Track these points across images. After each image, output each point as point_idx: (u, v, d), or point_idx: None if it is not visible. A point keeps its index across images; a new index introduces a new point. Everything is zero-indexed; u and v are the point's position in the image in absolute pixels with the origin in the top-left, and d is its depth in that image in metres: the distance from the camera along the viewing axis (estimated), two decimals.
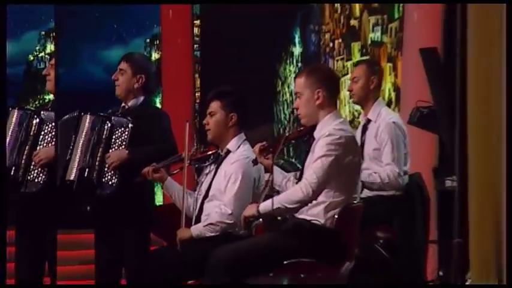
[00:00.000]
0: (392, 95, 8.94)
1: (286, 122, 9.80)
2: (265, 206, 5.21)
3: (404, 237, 6.17)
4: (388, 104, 8.73)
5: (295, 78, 5.50)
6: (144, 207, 6.16)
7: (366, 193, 6.21)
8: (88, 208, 6.27)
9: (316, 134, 5.31)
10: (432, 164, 7.50)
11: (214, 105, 5.89)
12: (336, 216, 5.17)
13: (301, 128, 5.43)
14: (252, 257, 5.20)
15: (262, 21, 9.76)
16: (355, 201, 5.39)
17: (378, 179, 6.10)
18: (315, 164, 5.15)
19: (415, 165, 6.53)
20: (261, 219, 5.48)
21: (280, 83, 10.33)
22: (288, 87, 10.08)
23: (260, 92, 8.56)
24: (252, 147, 5.62)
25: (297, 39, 10.01)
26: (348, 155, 5.21)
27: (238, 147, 5.82)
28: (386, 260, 5.90)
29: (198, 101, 9.83)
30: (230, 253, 5.16)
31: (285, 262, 5.16)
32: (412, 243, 6.21)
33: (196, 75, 10.08)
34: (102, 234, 6.33)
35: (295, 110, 5.42)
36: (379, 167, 6.14)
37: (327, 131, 5.23)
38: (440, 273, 6.87)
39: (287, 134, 5.47)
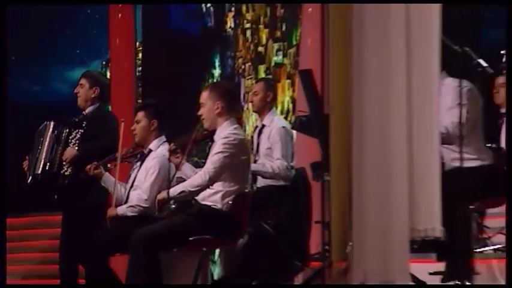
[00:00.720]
0: (290, 105, 9.07)
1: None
2: (173, 190, 5.38)
3: (290, 218, 6.25)
4: (287, 113, 8.91)
5: (202, 91, 5.61)
6: (94, 195, 6.21)
7: (261, 183, 6.30)
8: (55, 196, 6.45)
9: (216, 136, 5.42)
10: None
11: (140, 115, 5.96)
12: (230, 202, 5.30)
13: (205, 132, 5.53)
14: (165, 234, 5.32)
15: (190, 50, 9.84)
16: (246, 190, 5.54)
17: (270, 169, 6.17)
18: (213, 158, 5.30)
19: (301, 162, 6.61)
20: (173, 206, 5.62)
21: None
22: None
23: (188, 103, 8.64)
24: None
25: (217, 63, 10.09)
26: (240, 153, 5.36)
27: (159, 147, 5.88)
28: (273, 237, 5.96)
29: None
30: (147, 231, 5.27)
31: (190, 239, 5.27)
32: (297, 224, 6.28)
33: (139, 89, 10.13)
34: (65, 216, 6.47)
35: (200, 117, 5.53)
36: (271, 162, 6.21)
37: (224, 134, 5.36)
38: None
39: (193, 137, 5.52)
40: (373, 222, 4.25)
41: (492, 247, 5.76)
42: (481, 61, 5.55)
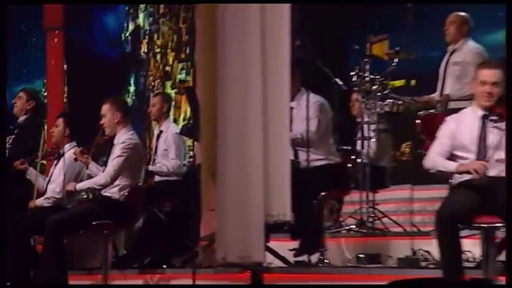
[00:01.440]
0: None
1: None
2: (81, 185, 5.41)
3: (182, 206, 6.19)
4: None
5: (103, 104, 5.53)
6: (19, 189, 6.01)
7: (158, 178, 6.24)
8: None
9: (115, 141, 5.37)
10: None
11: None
12: (126, 194, 5.28)
13: (106, 137, 5.47)
14: (71, 220, 5.28)
15: (111, 71, 9.70)
16: (139, 184, 5.63)
17: (165, 168, 6.11)
18: (113, 161, 5.28)
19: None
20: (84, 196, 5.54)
21: None
22: None
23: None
24: None
25: (132, 81, 10.02)
26: (134, 155, 5.39)
27: (69, 150, 5.73)
28: (165, 222, 5.93)
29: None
30: (56, 218, 5.21)
31: (93, 223, 5.21)
32: (188, 211, 6.24)
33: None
34: None
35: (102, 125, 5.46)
36: (167, 161, 6.15)
37: (122, 139, 5.34)
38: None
39: (96, 141, 5.46)
40: (233, 211, 4.27)
41: (345, 227, 5.81)
42: (338, 80, 5.67)
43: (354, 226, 5.74)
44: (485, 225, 4.00)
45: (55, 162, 5.85)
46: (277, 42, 4.46)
